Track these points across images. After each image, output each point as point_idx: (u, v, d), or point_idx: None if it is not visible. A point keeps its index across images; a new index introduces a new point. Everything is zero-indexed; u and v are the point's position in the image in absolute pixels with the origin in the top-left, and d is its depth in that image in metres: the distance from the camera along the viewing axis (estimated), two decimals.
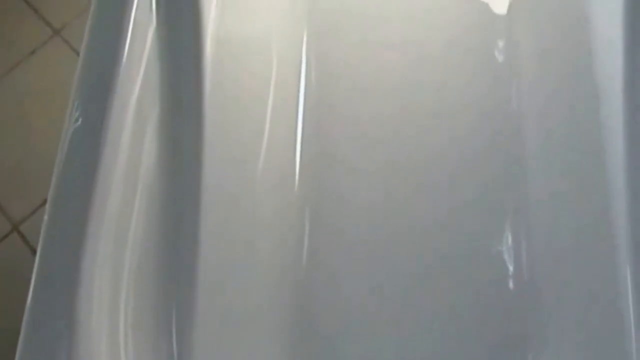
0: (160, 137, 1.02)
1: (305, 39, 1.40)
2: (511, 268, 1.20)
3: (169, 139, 1.03)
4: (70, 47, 1.75)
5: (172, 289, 1.00)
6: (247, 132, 1.24)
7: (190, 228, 1.03)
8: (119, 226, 0.93)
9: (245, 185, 1.22)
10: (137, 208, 0.97)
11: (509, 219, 1.23)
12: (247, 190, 1.21)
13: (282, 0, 1.39)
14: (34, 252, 1.55)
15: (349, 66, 1.38)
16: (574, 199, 1.19)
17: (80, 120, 0.93)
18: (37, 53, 1.75)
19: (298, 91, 1.36)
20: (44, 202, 1.57)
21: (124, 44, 0.97)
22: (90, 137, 0.91)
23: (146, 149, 0.99)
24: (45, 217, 0.89)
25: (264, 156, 1.25)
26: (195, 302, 1.02)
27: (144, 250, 0.96)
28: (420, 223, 1.24)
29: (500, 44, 1.38)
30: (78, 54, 1.70)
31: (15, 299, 1.49)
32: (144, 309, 0.95)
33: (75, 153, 0.91)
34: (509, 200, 1.24)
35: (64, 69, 1.72)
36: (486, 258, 1.20)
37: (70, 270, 0.86)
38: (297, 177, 1.28)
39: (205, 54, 1.08)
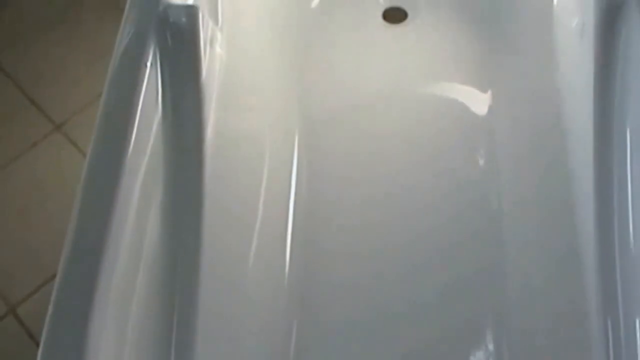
0: (162, 219, 1.07)
1: (296, 142, 1.47)
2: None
3: (171, 221, 1.08)
4: (70, 142, 1.79)
5: None
6: (241, 222, 1.28)
7: (188, 307, 1.07)
8: (122, 304, 0.97)
9: (237, 276, 1.25)
10: (139, 286, 1.00)
11: (489, 324, 1.29)
12: (239, 282, 1.25)
13: (276, 104, 1.46)
14: (30, 335, 1.54)
15: (337, 177, 1.44)
16: (549, 290, 1.25)
17: (90, 200, 0.98)
18: (38, 147, 1.79)
19: (289, 193, 1.41)
20: (42, 285, 1.59)
21: (132, 132, 1.03)
22: (99, 216, 0.97)
23: (149, 230, 1.04)
24: (53, 295, 0.92)
25: (255, 250, 1.29)
26: None
27: (144, 328, 1.00)
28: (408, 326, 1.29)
29: (482, 148, 1.44)
30: (78, 148, 1.77)
31: None
32: None
33: (83, 231, 0.96)
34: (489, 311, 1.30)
35: (64, 162, 1.76)
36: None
37: (76, 343, 0.89)
38: (286, 278, 1.33)
39: (205, 145, 1.13)
